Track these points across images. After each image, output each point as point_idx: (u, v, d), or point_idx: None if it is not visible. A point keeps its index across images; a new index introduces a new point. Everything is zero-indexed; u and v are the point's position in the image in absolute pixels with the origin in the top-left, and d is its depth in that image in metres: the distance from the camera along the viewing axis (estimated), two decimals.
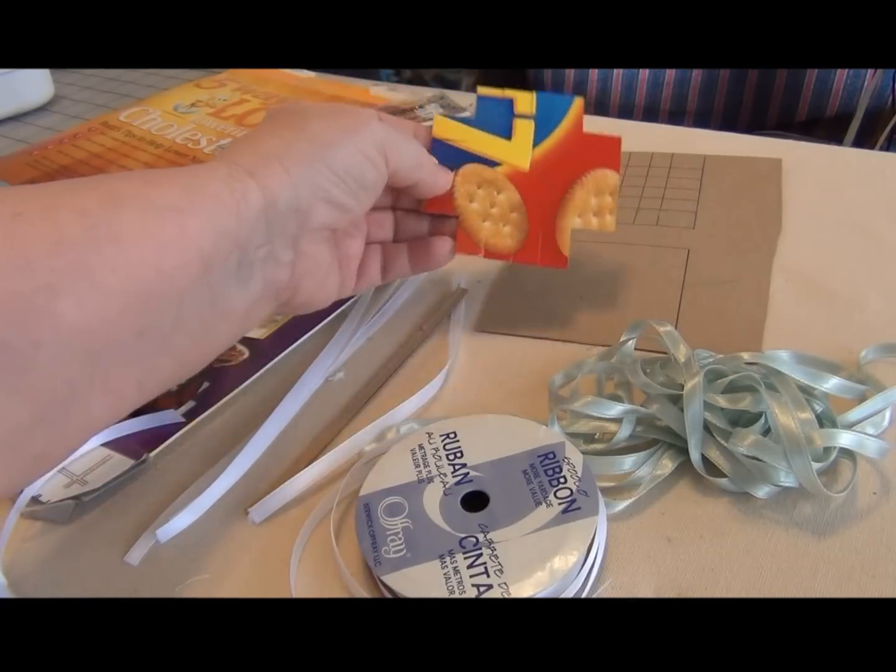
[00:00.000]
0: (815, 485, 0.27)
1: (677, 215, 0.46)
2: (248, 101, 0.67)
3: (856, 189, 0.46)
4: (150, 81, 0.76)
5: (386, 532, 0.27)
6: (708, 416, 0.29)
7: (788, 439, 0.27)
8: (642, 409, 0.30)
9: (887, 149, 0.95)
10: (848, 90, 0.97)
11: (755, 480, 0.28)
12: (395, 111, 0.62)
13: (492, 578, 0.25)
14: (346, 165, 0.29)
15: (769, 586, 0.26)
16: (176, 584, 0.28)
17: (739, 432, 0.28)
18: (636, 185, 0.50)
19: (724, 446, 0.28)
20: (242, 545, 0.30)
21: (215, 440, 0.34)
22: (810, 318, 0.37)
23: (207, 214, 0.25)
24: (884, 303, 0.37)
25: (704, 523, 0.28)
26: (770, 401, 0.28)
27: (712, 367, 0.30)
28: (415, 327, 0.40)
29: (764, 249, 0.42)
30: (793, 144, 0.52)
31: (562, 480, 0.27)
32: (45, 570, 0.29)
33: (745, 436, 0.28)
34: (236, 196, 0.26)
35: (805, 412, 0.28)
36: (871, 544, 0.27)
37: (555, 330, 0.38)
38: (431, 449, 0.30)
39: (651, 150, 0.53)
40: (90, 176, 0.24)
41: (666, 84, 1.08)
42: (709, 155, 0.52)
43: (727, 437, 0.28)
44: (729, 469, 0.28)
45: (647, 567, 0.27)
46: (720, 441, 0.29)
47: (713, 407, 0.29)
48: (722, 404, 0.29)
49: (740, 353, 0.31)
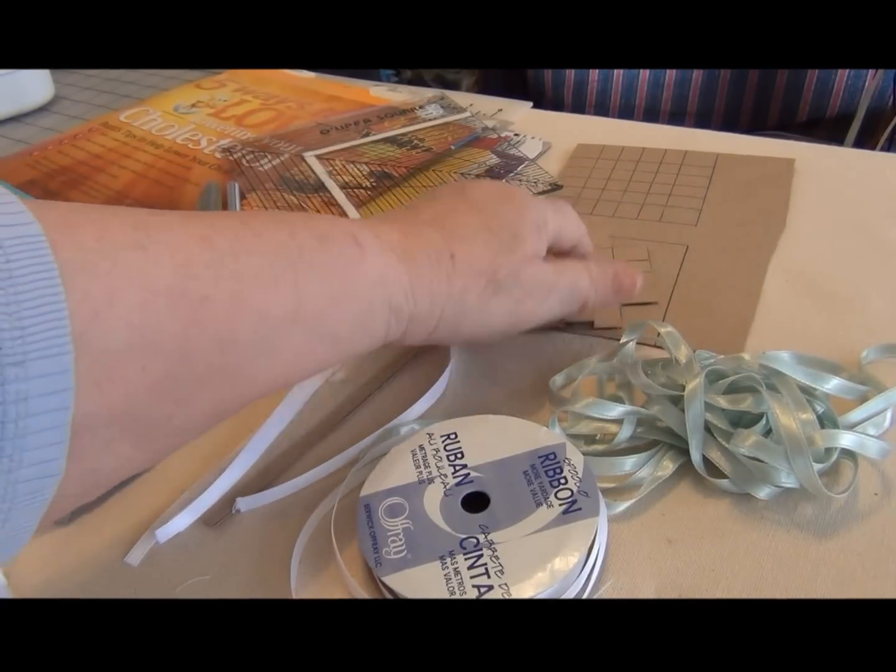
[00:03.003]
0: (817, 486, 0.27)
1: (682, 212, 0.46)
2: (248, 102, 0.67)
3: (857, 189, 0.46)
4: (150, 82, 0.76)
5: (386, 533, 0.27)
6: (709, 416, 0.29)
7: (790, 440, 0.27)
8: (643, 410, 0.30)
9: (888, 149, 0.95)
10: (849, 90, 0.97)
11: (756, 481, 0.28)
12: (395, 111, 0.62)
13: (492, 579, 0.25)
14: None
15: (770, 587, 0.26)
16: (176, 584, 0.28)
17: (741, 433, 0.28)
18: (644, 181, 0.50)
19: (726, 447, 0.28)
20: (243, 546, 0.30)
21: (214, 441, 0.34)
22: (811, 319, 0.37)
23: (362, 342, 0.27)
24: (885, 303, 0.37)
25: (705, 524, 0.28)
26: (771, 401, 0.28)
27: (713, 367, 0.30)
28: None
29: (763, 249, 0.42)
30: (793, 145, 0.52)
31: (562, 481, 0.27)
32: (45, 570, 0.29)
33: (746, 436, 0.28)
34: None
35: (806, 413, 0.28)
36: (873, 545, 0.27)
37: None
38: (432, 450, 0.30)
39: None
40: (296, 256, 0.24)
41: (666, 85, 1.08)
42: (722, 153, 0.51)
43: (728, 438, 0.28)
44: (730, 470, 0.28)
45: (647, 568, 0.27)
46: (721, 442, 0.29)
47: (714, 408, 0.29)
48: (723, 405, 0.29)
49: (741, 355, 0.31)
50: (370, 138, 0.58)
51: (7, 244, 0.17)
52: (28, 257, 0.17)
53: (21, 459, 0.17)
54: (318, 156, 0.56)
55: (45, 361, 0.17)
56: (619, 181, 0.50)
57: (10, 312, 0.16)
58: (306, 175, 0.54)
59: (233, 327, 0.21)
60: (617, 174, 0.51)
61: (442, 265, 0.28)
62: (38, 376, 0.17)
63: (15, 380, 0.16)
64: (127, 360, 0.19)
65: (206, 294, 0.21)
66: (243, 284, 0.22)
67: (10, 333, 0.16)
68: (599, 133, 0.56)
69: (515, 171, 0.52)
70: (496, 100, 0.64)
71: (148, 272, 0.20)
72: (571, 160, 0.53)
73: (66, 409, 0.17)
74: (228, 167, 0.56)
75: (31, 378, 0.16)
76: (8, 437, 0.16)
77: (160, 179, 0.56)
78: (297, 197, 0.51)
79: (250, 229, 0.23)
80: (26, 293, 0.17)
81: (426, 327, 0.29)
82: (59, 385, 0.17)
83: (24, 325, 0.16)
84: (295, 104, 0.66)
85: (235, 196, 0.51)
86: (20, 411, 0.16)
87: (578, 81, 1.14)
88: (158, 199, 0.53)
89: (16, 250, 0.17)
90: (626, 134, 0.55)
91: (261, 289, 0.22)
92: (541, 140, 0.56)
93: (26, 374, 0.16)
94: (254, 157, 0.57)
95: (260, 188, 0.53)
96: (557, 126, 0.58)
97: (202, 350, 0.21)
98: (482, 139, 0.57)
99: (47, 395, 0.17)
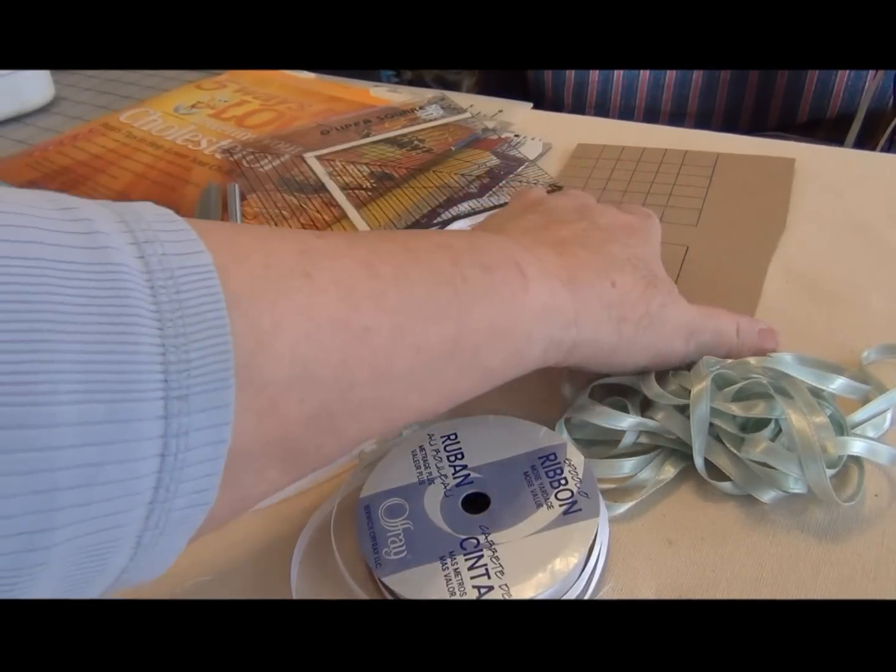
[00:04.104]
0: (828, 493, 0.27)
1: (682, 212, 0.46)
2: (248, 103, 0.67)
3: (857, 190, 0.46)
4: (150, 83, 0.76)
5: (387, 533, 0.27)
6: (718, 422, 0.29)
7: (803, 447, 0.27)
8: (652, 422, 0.30)
9: (888, 150, 0.95)
10: (849, 91, 0.97)
11: (762, 485, 0.28)
12: (396, 112, 0.62)
13: (493, 580, 0.25)
14: None
15: (770, 588, 0.26)
16: (176, 585, 0.28)
17: (751, 439, 0.28)
18: (645, 181, 0.50)
19: (735, 453, 0.28)
20: (243, 547, 0.30)
21: None
22: (811, 319, 0.37)
23: (512, 373, 0.27)
24: (885, 303, 0.37)
25: (705, 525, 0.28)
26: (786, 407, 0.28)
27: (720, 372, 0.30)
28: None
29: (763, 249, 0.42)
30: (794, 146, 0.52)
31: (562, 482, 0.27)
32: None
33: (757, 443, 0.27)
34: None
35: (819, 416, 0.28)
36: (873, 546, 0.27)
37: None
38: (432, 450, 0.30)
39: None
40: (460, 286, 0.24)
41: (666, 85, 1.08)
42: (722, 153, 0.51)
43: (737, 443, 0.28)
44: (736, 475, 0.28)
45: (648, 569, 0.27)
46: (731, 448, 0.28)
47: (724, 414, 0.29)
48: (735, 412, 0.29)
49: (746, 359, 0.31)
50: (370, 139, 0.58)
51: (179, 274, 0.17)
52: (198, 287, 0.17)
53: (177, 490, 0.17)
54: (319, 156, 0.56)
55: (207, 395, 0.16)
56: (619, 181, 0.50)
57: (177, 345, 0.16)
58: (307, 176, 0.54)
59: (391, 360, 0.21)
60: (617, 174, 0.51)
61: (605, 293, 0.28)
62: (199, 410, 0.16)
63: (178, 414, 0.16)
64: (287, 393, 0.19)
65: (367, 326, 0.20)
66: (405, 318, 0.21)
67: (176, 367, 0.16)
68: (599, 134, 0.56)
69: (515, 172, 0.52)
70: (496, 100, 0.64)
71: (313, 302, 0.19)
72: (572, 160, 0.53)
73: (223, 443, 0.17)
74: (229, 168, 0.56)
75: (192, 412, 0.16)
76: (167, 470, 0.16)
77: (160, 180, 0.56)
78: (297, 198, 0.51)
79: (413, 255, 0.23)
80: (194, 325, 0.16)
81: (584, 354, 0.28)
82: (219, 419, 0.17)
83: (191, 357, 0.16)
84: (295, 105, 0.66)
85: (236, 197, 0.51)
86: (180, 445, 0.16)
87: (578, 82, 1.14)
88: (159, 200, 0.53)
89: (187, 280, 0.17)
90: (625, 135, 0.55)
91: (422, 322, 0.22)
92: (541, 141, 0.56)
93: (189, 409, 0.16)
94: (254, 157, 0.57)
95: (260, 189, 0.53)
96: (557, 127, 0.58)
97: (359, 383, 0.20)
98: (482, 140, 0.57)
99: (207, 428, 0.17)
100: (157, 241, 0.17)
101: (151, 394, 0.16)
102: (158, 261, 0.17)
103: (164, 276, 0.16)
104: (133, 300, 0.16)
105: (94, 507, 0.15)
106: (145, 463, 0.16)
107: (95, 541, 0.16)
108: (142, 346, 0.16)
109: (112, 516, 0.16)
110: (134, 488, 0.16)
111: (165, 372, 0.16)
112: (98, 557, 0.16)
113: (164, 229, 0.17)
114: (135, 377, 0.15)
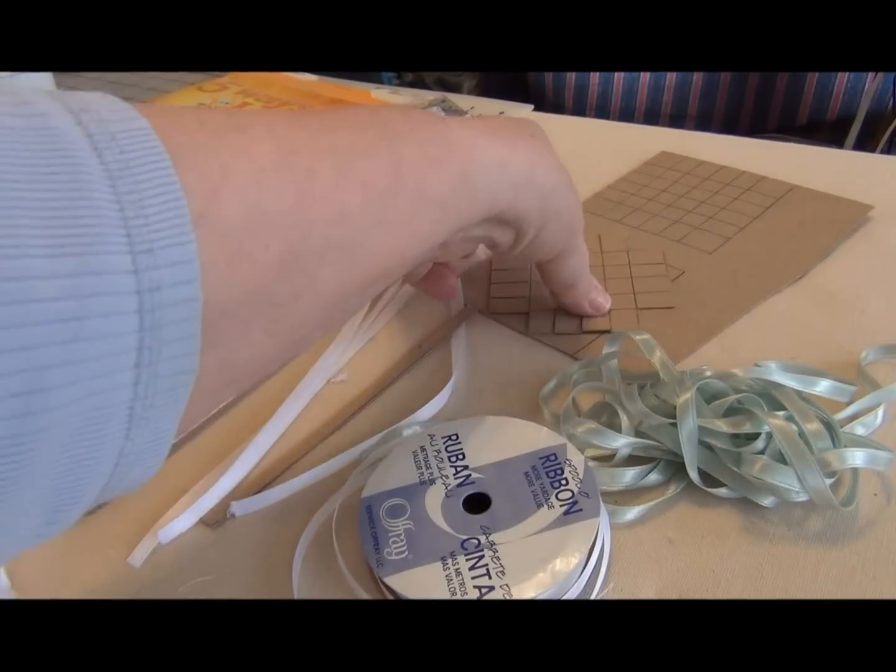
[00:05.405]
0: (830, 501, 0.27)
1: (707, 237, 0.44)
2: (250, 105, 0.67)
3: (856, 192, 0.46)
4: (152, 84, 0.76)
5: (388, 533, 0.27)
6: (711, 441, 0.29)
7: (797, 460, 0.27)
8: (644, 441, 0.30)
9: (888, 152, 0.95)
10: (848, 93, 0.98)
11: (761, 492, 0.28)
12: None
13: (493, 580, 0.25)
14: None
15: (770, 587, 0.26)
16: (178, 585, 0.28)
17: (747, 459, 0.28)
18: (696, 199, 0.48)
19: (735, 471, 0.28)
20: (245, 547, 0.30)
21: (217, 441, 0.34)
22: (811, 320, 0.37)
23: (466, 210, 0.27)
24: (885, 304, 0.37)
25: (706, 525, 0.28)
26: (773, 426, 0.27)
27: (706, 381, 0.30)
28: (418, 334, 0.40)
29: (768, 287, 0.39)
30: (794, 147, 0.52)
31: (563, 482, 0.28)
32: (47, 571, 0.30)
33: (753, 462, 0.27)
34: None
35: (813, 423, 0.28)
36: (872, 546, 0.27)
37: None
38: (433, 451, 0.30)
39: (648, 152, 0.53)
40: (383, 129, 0.24)
41: (667, 87, 1.08)
42: (797, 185, 0.47)
43: (735, 460, 0.28)
44: (735, 485, 0.28)
45: (648, 568, 0.27)
46: (731, 467, 0.28)
47: (714, 431, 0.29)
48: (724, 429, 0.28)
49: (733, 371, 0.31)
50: None
51: (120, 137, 0.17)
52: (140, 146, 0.17)
53: (160, 352, 0.17)
54: None
55: (171, 250, 0.17)
56: (671, 194, 0.48)
57: (132, 201, 0.16)
58: None
59: (341, 198, 0.22)
60: (675, 188, 0.49)
61: (532, 147, 0.30)
62: (167, 265, 0.16)
63: (147, 268, 0.16)
64: (250, 237, 0.19)
65: (310, 167, 0.21)
66: (342, 155, 0.22)
67: (135, 222, 0.16)
68: (599, 135, 0.56)
69: None
70: (497, 102, 0.64)
71: (253, 151, 0.20)
72: (644, 165, 0.53)
73: (195, 301, 0.17)
74: None
75: (160, 267, 0.16)
76: (146, 329, 0.16)
77: None
78: None
79: (331, 112, 0.24)
80: (145, 182, 0.17)
81: (531, 197, 0.29)
82: (188, 275, 0.17)
83: (147, 213, 0.16)
84: (297, 107, 0.66)
85: None
86: (154, 301, 0.16)
87: (579, 84, 1.14)
88: None
89: (128, 141, 0.17)
90: (626, 136, 0.56)
91: (359, 159, 0.23)
92: None
93: (156, 263, 0.16)
94: None
95: None
96: (558, 128, 0.58)
97: (317, 222, 0.21)
98: None
99: (178, 284, 0.17)
100: (91, 109, 0.17)
101: (117, 247, 0.16)
102: (97, 126, 0.17)
103: (105, 139, 0.17)
104: (80, 159, 0.16)
105: (83, 366, 0.15)
106: (125, 319, 0.16)
107: (90, 406, 0.16)
108: (98, 200, 0.16)
109: (101, 378, 0.16)
110: (118, 346, 0.16)
111: (126, 227, 0.16)
112: (95, 427, 0.16)
113: (97, 100, 0.18)
114: (98, 230, 0.15)
